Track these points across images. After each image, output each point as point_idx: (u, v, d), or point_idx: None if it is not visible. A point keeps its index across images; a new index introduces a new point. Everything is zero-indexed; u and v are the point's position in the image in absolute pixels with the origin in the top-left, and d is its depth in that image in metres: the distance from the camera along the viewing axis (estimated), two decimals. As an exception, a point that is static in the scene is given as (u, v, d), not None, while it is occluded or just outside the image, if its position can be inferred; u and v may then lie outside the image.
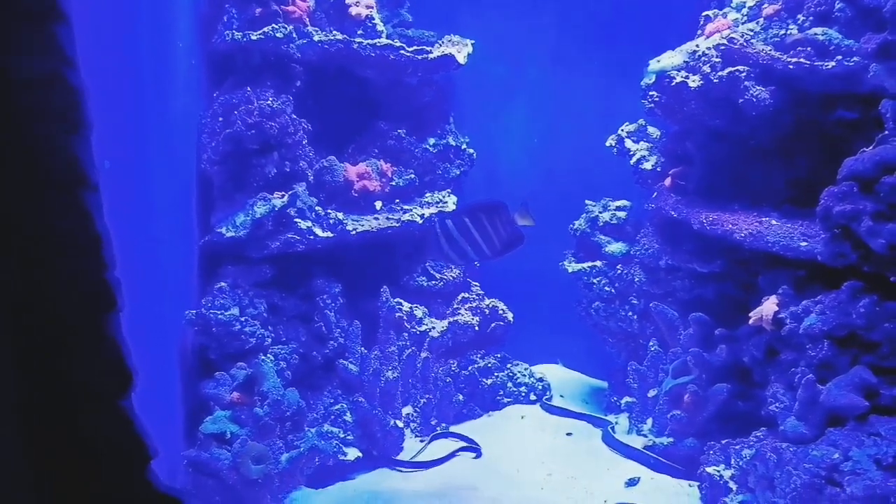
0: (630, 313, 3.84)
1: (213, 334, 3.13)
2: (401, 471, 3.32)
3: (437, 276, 3.97)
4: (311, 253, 3.43)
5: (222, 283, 3.21)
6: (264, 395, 3.04)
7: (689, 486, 3.08)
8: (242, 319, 3.19)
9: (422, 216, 3.74)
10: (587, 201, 4.09)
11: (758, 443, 2.74)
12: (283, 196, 3.26)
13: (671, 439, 3.25)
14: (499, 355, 4.09)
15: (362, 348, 3.54)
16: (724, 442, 2.95)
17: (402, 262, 3.95)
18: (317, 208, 3.44)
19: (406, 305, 3.85)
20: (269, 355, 3.25)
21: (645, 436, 3.45)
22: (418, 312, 3.89)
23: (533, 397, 4.07)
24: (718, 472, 2.86)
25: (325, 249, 3.46)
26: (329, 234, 3.42)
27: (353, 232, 3.50)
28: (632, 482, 3.14)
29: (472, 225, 2.58)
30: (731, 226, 3.00)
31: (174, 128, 3.15)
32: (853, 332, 2.49)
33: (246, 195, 3.26)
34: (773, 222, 2.95)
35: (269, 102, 3.25)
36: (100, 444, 1.74)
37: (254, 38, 3.33)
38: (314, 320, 3.49)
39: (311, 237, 3.35)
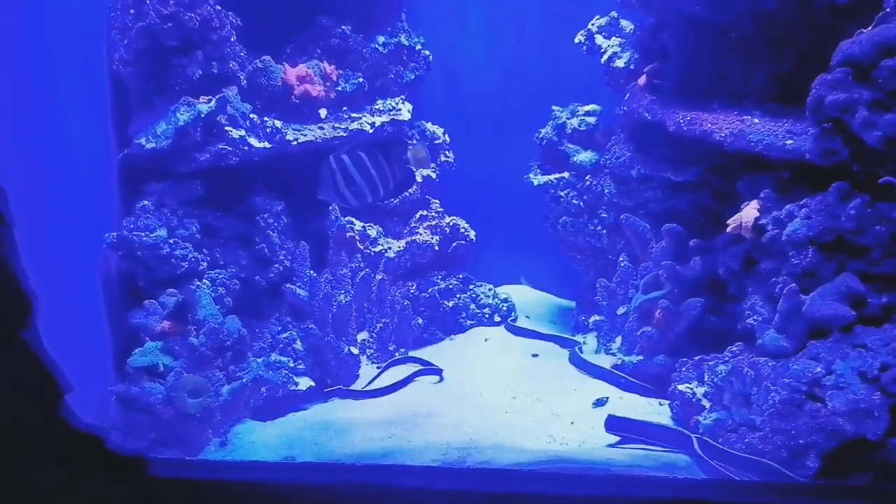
0: (599, 227, 3.60)
1: (139, 259, 2.83)
2: (356, 399, 3.12)
3: (393, 191, 3.66)
4: (247, 166, 3.08)
5: (146, 202, 2.87)
6: (200, 324, 2.78)
7: (660, 404, 2.93)
8: (171, 242, 2.87)
9: (372, 125, 3.39)
10: (554, 107, 3.77)
11: (733, 358, 2.57)
12: (209, 100, 2.87)
13: (640, 357, 3.08)
14: (461, 276, 3.86)
15: (311, 271, 3.26)
16: (696, 358, 2.77)
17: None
18: (251, 115, 3.06)
19: (358, 224, 3.56)
20: (205, 281, 2.96)
21: (614, 355, 3.29)
22: (372, 232, 3.60)
23: (497, 319, 3.87)
24: (691, 389, 2.69)
25: (263, 162, 3.11)
26: (266, 144, 3.06)
27: (295, 142, 3.15)
28: (600, 402, 2.99)
29: (369, 161, 2.28)
30: (710, 125, 2.72)
31: (78, 23, 2.73)
32: (841, 237, 2.28)
33: (167, 100, 2.87)
34: (756, 121, 2.67)
35: (186, -10, 2.81)
36: (-3, 380, 1.41)
37: (165, -87, 2.84)
38: (255, 242, 3.19)
39: (246, 148, 3.00)
